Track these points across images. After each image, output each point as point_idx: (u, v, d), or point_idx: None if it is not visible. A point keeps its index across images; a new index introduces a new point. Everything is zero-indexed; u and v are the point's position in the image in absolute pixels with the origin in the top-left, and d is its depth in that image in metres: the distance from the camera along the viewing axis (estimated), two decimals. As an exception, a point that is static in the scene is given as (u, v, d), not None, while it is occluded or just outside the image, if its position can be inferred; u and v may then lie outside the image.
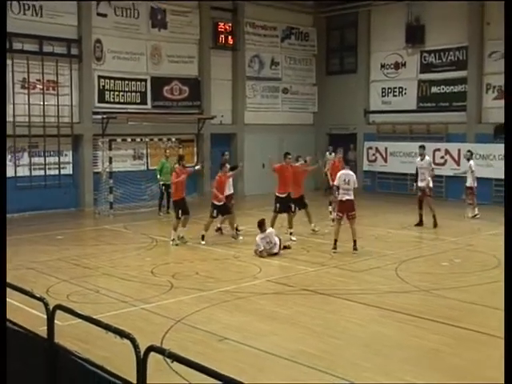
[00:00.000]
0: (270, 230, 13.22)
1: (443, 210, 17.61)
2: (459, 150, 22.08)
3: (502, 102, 21.71)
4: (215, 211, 14.54)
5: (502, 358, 7.33)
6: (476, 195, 18.09)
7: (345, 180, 13.16)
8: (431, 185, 16.82)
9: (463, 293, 10.17)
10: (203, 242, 14.29)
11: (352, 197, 13.16)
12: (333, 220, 15.54)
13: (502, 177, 21.19)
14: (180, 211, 14.40)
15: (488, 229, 16.44)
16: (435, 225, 16.32)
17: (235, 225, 14.90)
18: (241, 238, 14.75)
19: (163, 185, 19.11)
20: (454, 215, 18.12)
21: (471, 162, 18.36)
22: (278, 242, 13.04)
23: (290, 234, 14.61)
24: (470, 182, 18.01)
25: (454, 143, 22.51)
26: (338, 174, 13.45)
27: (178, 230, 14.38)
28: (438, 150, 22.92)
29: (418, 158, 17.26)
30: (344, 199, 13.14)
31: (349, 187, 13.13)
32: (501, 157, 21.04)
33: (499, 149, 21.07)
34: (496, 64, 21.87)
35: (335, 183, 13.51)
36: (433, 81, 23.51)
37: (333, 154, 21.88)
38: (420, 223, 16.64)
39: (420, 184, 16.63)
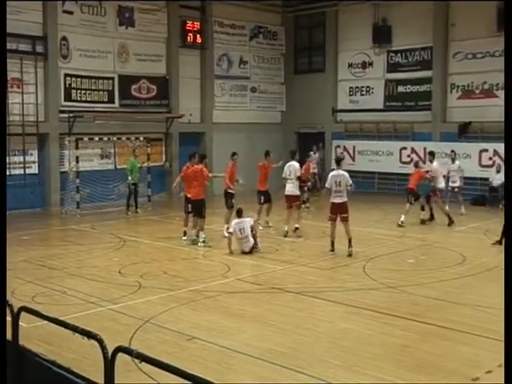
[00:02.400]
0: (248, 219, 13.21)
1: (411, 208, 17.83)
2: (425, 149, 22.37)
3: (465, 102, 22.26)
4: (190, 206, 14.30)
5: (465, 351, 7.51)
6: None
7: (336, 182, 12.74)
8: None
9: (428, 289, 10.33)
10: (187, 237, 14.25)
11: (345, 199, 12.77)
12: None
13: (468, 175, 21.50)
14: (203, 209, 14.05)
15: (452, 226, 16.70)
16: (451, 222, 16.62)
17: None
18: (201, 242, 13.97)
19: (132, 184, 19.04)
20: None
21: (457, 162, 18.67)
22: (251, 239, 12.93)
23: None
24: (459, 182, 18.40)
25: (420, 142, 22.86)
26: (329, 176, 13.01)
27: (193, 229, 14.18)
28: (405, 148, 23.27)
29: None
30: (336, 202, 12.77)
31: (340, 189, 12.69)
32: (465, 155, 21.48)
33: (463, 147, 21.54)
34: (459, 64, 22.31)
35: (326, 185, 13.14)
36: (399, 80, 23.82)
37: (317, 153, 22.35)
38: (432, 218, 17.05)
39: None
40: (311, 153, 21.45)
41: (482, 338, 7.95)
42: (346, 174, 12.81)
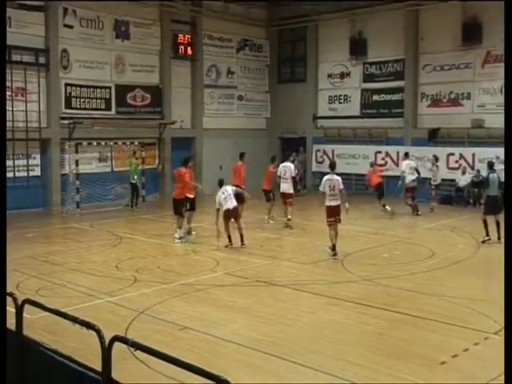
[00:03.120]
0: (230, 187, 13.52)
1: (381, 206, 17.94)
2: (398, 153, 22.54)
3: (434, 110, 22.45)
4: (188, 204, 14.28)
5: (433, 337, 7.57)
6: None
7: (330, 186, 12.26)
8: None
9: (401, 281, 10.40)
10: (194, 233, 14.32)
11: (339, 202, 12.27)
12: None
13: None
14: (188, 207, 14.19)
15: (423, 223, 16.85)
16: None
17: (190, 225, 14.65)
18: (177, 239, 14.06)
19: (134, 183, 19.82)
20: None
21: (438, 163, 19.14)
22: (233, 200, 13.16)
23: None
24: (439, 180, 19.02)
25: (393, 146, 22.97)
26: (323, 180, 12.53)
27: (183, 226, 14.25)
28: (379, 152, 23.36)
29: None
30: (333, 205, 12.26)
31: (335, 192, 12.23)
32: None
33: (432, 151, 21.68)
34: (429, 75, 22.48)
35: (320, 188, 12.48)
36: (374, 90, 23.92)
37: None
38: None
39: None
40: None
41: (448, 325, 8.02)
42: (340, 179, 12.44)
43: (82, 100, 20.51)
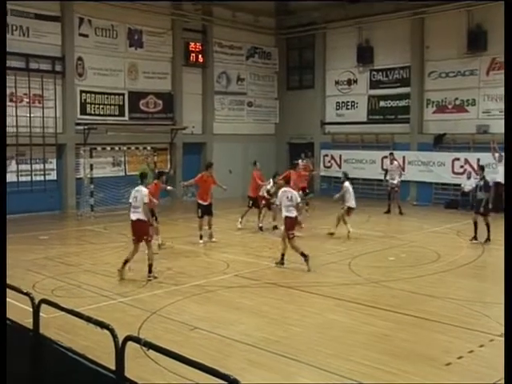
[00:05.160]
0: (144, 189, 10.97)
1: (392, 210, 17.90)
2: (404, 157, 22.50)
3: (439, 116, 22.38)
4: (199, 211, 14.30)
5: (438, 339, 7.53)
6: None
7: (287, 197, 11.51)
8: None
9: (407, 283, 10.37)
10: (201, 241, 14.12)
11: (295, 213, 11.60)
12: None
13: (441, 181, 21.91)
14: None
15: (428, 227, 16.77)
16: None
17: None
18: (214, 239, 14.44)
19: None
20: (400, 215, 18.45)
21: (395, 162, 19.17)
22: (141, 211, 10.97)
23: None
24: (397, 180, 19.00)
25: (400, 151, 22.88)
26: (279, 194, 11.88)
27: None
28: (386, 157, 23.21)
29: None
30: (292, 216, 11.49)
31: (293, 204, 11.50)
32: (439, 163, 21.57)
33: (438, 156, 21.67)
34: (434, 82, 22.41)
35: (276, 202, 11.86)
36: (381, 96, 23.88)
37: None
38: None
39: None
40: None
41: (454, 327, 7.99)
42: (295, 193, 11.81)
43: (97, 106, 20.64)
